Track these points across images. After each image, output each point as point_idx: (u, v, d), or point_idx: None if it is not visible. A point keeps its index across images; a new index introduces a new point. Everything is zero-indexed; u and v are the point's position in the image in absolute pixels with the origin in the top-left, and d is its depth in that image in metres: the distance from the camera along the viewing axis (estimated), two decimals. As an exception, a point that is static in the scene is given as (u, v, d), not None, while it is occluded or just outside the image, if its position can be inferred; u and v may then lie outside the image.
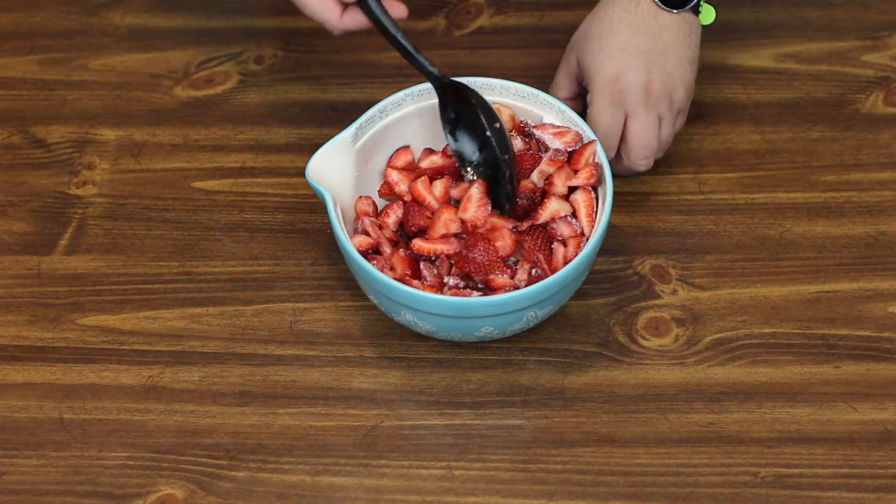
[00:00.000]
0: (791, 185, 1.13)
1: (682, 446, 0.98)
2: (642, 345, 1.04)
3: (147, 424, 1.01)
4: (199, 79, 1.23)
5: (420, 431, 1.00)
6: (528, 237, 1.00)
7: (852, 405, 1.00)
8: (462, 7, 1.28)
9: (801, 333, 1.04)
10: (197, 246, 1.11)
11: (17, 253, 1.11)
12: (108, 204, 1.14)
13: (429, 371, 1.03)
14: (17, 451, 1.00)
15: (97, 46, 1.26)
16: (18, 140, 1.19)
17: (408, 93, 1.07)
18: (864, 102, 1.19)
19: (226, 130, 1.19)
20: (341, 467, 0.98)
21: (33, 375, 1.04)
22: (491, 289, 0.99)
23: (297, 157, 1.15)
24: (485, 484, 0.97)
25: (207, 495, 0.97)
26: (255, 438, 1.00)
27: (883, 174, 1.14)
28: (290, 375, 1.03)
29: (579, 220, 1.01)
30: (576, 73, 1.08)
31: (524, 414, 1.01)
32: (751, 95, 1.20)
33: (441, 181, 1.04)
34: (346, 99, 1.20)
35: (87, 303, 1.08)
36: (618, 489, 0.97)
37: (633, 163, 1.07)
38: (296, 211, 1.13)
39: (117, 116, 1.20)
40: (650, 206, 1.11)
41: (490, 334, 0.99)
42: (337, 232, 0.99)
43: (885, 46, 1.23)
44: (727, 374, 1.02)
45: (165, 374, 1.03)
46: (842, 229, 1.10)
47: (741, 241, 1.10)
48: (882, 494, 0.96)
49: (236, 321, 1.06)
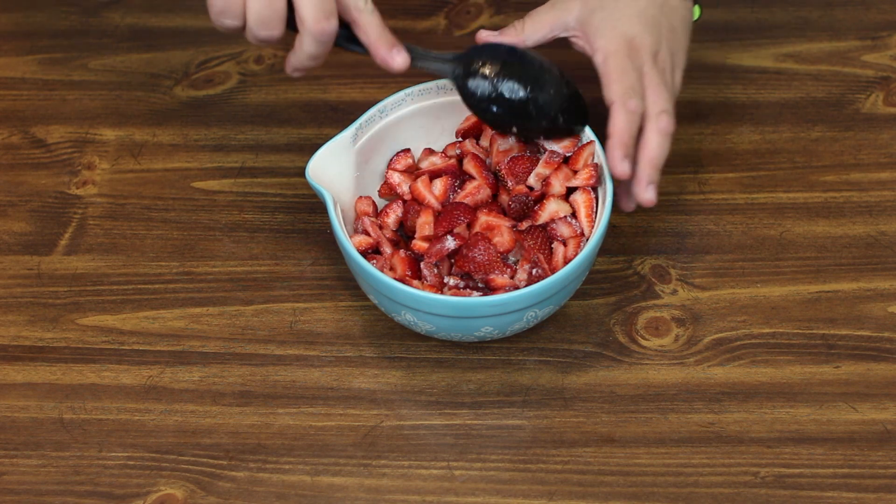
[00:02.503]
0: (791, 185, 1.13)
1: (682, 446, 0.98)
2: (642, 345, 1.04)
3: (147, 424, 1.01)
4: (199, 79, 1.23)
5: (420, 431, 1.00)
6: (527, 237, 1.00)
7: (852, 405, 1.00)
8: (462, 7, 1.28)
9: (801, 333, 1.04)
10: (197, 246, 1.11)
11: (17, 253, 1.11)
12: (108, 204, 1.14)
13: (429, 371, 1.03)
14: (17, 451, 1.00)
15: (97, 46, 1.26)
16: (18, 140, 1.19)
17: (408, 93, 1.07)
18: (864, 102, 1.19)
19: (226, 130, 1.19)
20: (341, 467, 0.98)
21: (33, 375, 1.04)
22: (491, 289, 0.99)
23: (297, 157, 1.15)
24: (485, 484, 0.97)
25: (207, 495, 0.97)
26: (255, 438, 1.00)
27: (883, 174, 1.14)
28: (290, 375, 1.03)
29: (579, 221, 1.01)
30: (566, 24, 1.06)
31: (524, 414, 1.01)
32: (751, 95, 1.20)
33: (441, 180, 1.04)
34: (346, 99, 1.20)
35: (87, 303, 1.08)
36: (618, 489, 0.97)
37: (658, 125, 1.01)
38: (296, 211, 1.13)
39: (117, 116, 1.20)
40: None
41: (490, 334, 0.99)
42: (337, 232, 0.99)
43: (885, 46, 1.23)
44: (727, 374, 1.02)
45: (165, 374, 1.03)
46: (842, 229, 1.10)
47: (741, 241, 1.10)
48: (882, 494, 0.96)
49: (236, 321, 1.06)
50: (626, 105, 0.99)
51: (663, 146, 1.00)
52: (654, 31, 1.04)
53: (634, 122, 0.99)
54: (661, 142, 1.00)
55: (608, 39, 1.03)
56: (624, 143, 0.98)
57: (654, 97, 1.01)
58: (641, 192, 0.99)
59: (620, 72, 1.01)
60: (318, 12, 0.94)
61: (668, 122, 1.00)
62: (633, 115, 0.99)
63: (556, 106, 1.02)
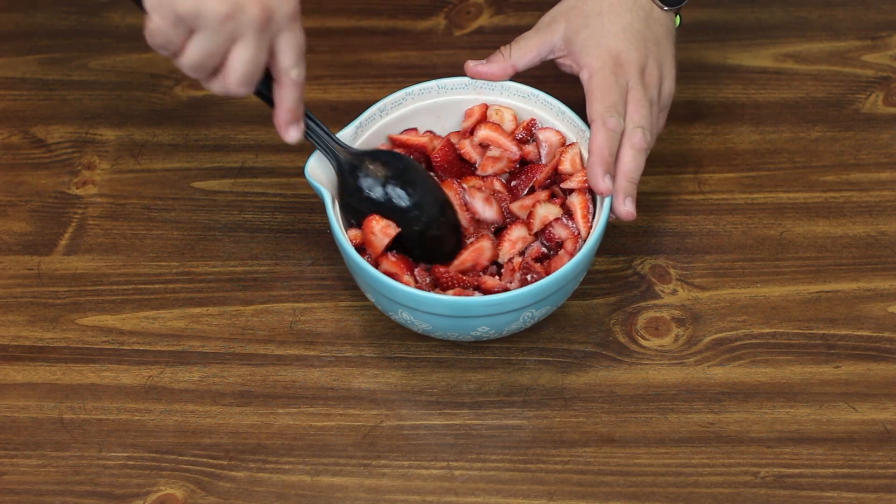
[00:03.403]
0: (791, 185, 1.13)
1: (682, 446, 0.98)
2: (642, 345, 1.04)
3: (147, 424, 1.01)
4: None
5: (420, 431, 1.00)
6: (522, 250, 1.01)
7: (852, 405, 1.00)
8: (462, 7, 1.28)
9: (801, 333, 1.04)
10: (197, 246, 1.11)
11: (17, 253, 1.11)
12: (108, 204, 1.14)
13: (429, 371, 1.03)
14: (17, 451, 1.00)
15: (97, 46, 1.26)
16: (18, 140, 1.19)
17: (408, 92, 1.07)
18: (864, 102, 1.19)
19: (226, 130, 1.19)
20: (341, 467, 0.98)
21: (33, 375, 1.04)
22: (483, 291, 0.99)
23: (297, 157, 1.15)
24: (485, 484, 0.97)
25: (207, 495, 0.97)
26: (255, 438, 1.00)
27: (883, 174, 1.14)
28: (290, 375, 1.03)
29: (575, 223, 1.01)
30: (552, 45, 1.07)
31: (524, 414, 1.01)
32: (751, 95, 1.20)
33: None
34: (346, 99, 1.20)
35: (87, 303, 1.08)
36: (618, 489, 0.97)
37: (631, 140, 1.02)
38: (296, 211, 1.13)
39: (117, 116, 1.20)
40: (650, 206, 1.11)
41: (487, 334, 0.99)
42: (335, 230, 0.99)
43: (885, 46, 1.23)
44: (727, 374, 1.02)
45: (165, 374, 1.03)
46: (842, 229, 1.10)
47: (741, 241, 1.10)
48: (882, 494, 0.96)
49: (236, 321, 1.06)
50: (606, 123, 1.01)
51: (637, 160, 1.02)
52: (640, 45, 1.04)
53: (614, 140, 1.01)
54: (635, 156, 1.02)
55: (594, 56, 1.04)
56: (604, 161, 1.00)
57: (633, 113, 1.03)
58: (619, 205, 1.01)
59: (604, 89, 1.02)
60: (241, 77, 0.94)
61: (640, 138, 1.02)
62: (613, 134, 1.01)
63: (435, 225, 1.01)
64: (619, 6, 1.05)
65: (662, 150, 1.13)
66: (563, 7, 1.07)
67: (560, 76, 1.08)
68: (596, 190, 1.00)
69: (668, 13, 1.07)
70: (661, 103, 1.06)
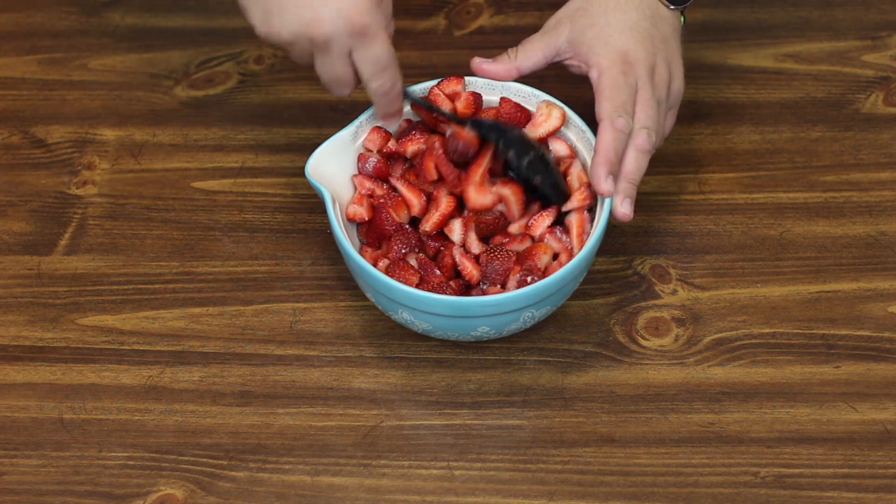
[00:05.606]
0: (791, 185, 1.13)
1: (682, 446, 0.98)
2: (642, 345, 1.04)
3: (147, 424, 1.01)
4: (199, 79, 1.23)
5: (420, 431, 1.00)
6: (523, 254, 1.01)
7: (852, 405, 1.00)
8: (462, 7, 1.28)
9: (801, 333, 1.04)
10: (197, 246, 1.11)
11: (17, 253, 1.11)
12: (108, 204, 1.14)
13: (429, 371, 1.03)
14: (17, 451, 1.00)
15: (97, 46, 1.26)
16: (18, 140, 1.19)
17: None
18: (864, 102, 1.19)
19: (226, 130, 1.19)
20: (341, 467, 0.98)
21: (33, 375, 1.04)
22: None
23: (297, 157, 1.15)
24: (485, 484, 0.97)
25: (207, 495, 0.97)
26: (255, 438, 1.00)
27: (883, 174, 1.14)
28: (290, 375, 1.03)
29: (570, 238, 1.01)
30: (557, 48, 1.07)
31: (524, 414, 1.01)
32: (751, 95, 1.20)
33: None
34: (346, 99, 1.20)
35: (87, 303, 1.08)
36: (618, 489, 0.97)
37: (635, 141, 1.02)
38: (296, 211, 1.13)
39: (117, 116, 1.20)
40: (650, 206, 1.11)
41: (487, 334, 0.99)
42: (335, 230, 0.99)
43: (885, 46, 1.23)
44: (727, 374, 1.02)
45: (165, 374, 1.03)
46: (842, 229, 1.10)
47: (741, 241, 1.10)
48: (882, 494, 0.96)
49: (236, 321, 1.06)
50: (614, 123, 1.00)
51: (640, 162, 1.01)
52: (648, 43, 1.04)
53: (621, 141, 1.00)
54: (638, 157, 1.01)
55: (602, 55, 1.04)
56: (609, 161, 1.00)
57: (640, 114, 1.02)
58: (617, 205, 1.01)
59: (613, 88, 1.02)
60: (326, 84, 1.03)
61: (644, 139, 1.01)
62: (621, 134, 1.00)
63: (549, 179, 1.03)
64: (625, 5, 1.05)
65: (663, 150, 1.13)
66: (569, 9, 1.07)
67: (561, 76, 1.08)
68: (597, 191, 1.00)
69: (674, 12, 1.07)
70: (670, 102, 1.06)
